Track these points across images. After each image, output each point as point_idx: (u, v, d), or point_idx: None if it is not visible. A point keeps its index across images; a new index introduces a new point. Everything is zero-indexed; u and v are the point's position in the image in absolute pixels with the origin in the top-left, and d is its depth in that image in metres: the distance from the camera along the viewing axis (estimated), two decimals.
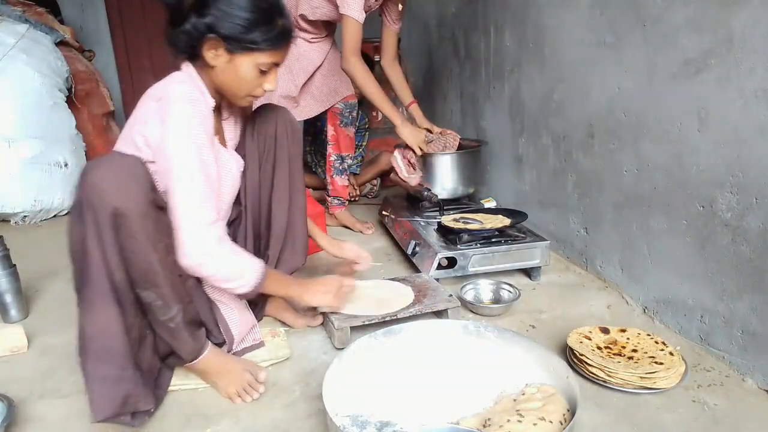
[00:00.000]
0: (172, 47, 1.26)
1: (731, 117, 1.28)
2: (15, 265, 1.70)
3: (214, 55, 1.22)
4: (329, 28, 2.35)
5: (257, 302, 1.57)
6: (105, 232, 1.04)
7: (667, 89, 1.46)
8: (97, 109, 3.27)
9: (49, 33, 3.05)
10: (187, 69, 1.26)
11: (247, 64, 1.23)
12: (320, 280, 1.46)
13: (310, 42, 2.31)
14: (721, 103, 1.30)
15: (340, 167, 2.49)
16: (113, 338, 1.08)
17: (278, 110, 1.52)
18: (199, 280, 1.32)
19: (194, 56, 1.25)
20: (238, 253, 1.25)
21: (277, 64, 1.27)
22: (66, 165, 2.83)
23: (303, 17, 2.22)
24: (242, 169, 1.45)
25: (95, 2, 4.39)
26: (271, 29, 1.21)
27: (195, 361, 1.26)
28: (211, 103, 1.27)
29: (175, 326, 1.18)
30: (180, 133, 1.16)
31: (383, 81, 2.38)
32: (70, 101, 3.01)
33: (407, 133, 2.16)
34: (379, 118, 3.31)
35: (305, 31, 2.27)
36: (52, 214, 2.83)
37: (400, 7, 2.28)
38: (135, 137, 1.21)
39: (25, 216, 2.74)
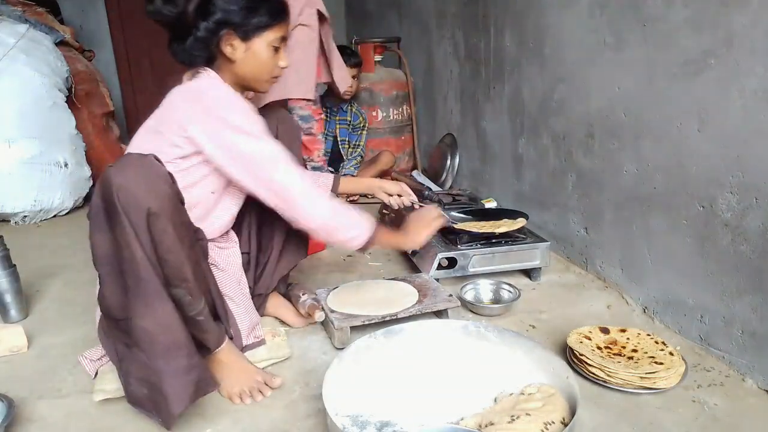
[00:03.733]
0: (185, 60, 1.30)
1: (731, 117, 1.28)
2: (15, 265, 1.69)
3: (232, 48, 1.26)
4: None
5: (258, 301, 1.57)
6: (142, 233, 1.05)
7: (667, 89, 1.46)
8: (97, 109, 3.27)
9: (49, 33, 3.04)
10: (208, 73, 1.30)
11: (261, 45, 1.28)
12: (413, 218, 1.53)
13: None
14: (721, 103, 1.30)
15: None
16: (177, 330, 1.10)
17: (279, 111, 1.54)
18: (212, 274, 1.34)
19: (210, 59, 1.29)
20: (346, 208, 1.32)
21: (284, 38, 1.32)
22: (66, 165, 2.82)
23: None
24: None
25: (95, 2, 4.39)
26: (271, 4, 1.27)
27: (218, 349, 1.26)
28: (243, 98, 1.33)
29: (204, 318, 1.19)
30: (244, 118, 1.23)
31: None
32: (70, 101, 3.01)
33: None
34: (379, 118, 3.32)
35: None
36: (52, 214, 2.82)
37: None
38: (173, 139, 1.22)
39: (25, 216, 2.74)
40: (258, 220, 1.55)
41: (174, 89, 1.28)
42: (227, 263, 1.45)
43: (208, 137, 1.21)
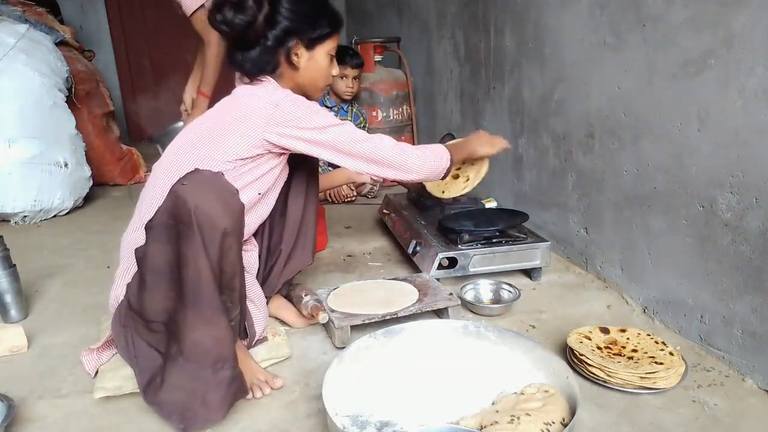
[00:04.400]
0: (252, 69, 1.34)
1: (731, 117, 1.28)
2: (15, 265, 1.69)
3: (298, 57, 1.32)
4: None
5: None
6: (213, 251, 1.07)
7: (667, 89, 1.46)
8: (97, 109, 3.27)
9: (49, 33, 3.05)
10: (268, 83, 1.34)
11: (322, 54, 1.36)
12: (474, 138, 1.69)
13: None
14: (721, 103, 1.30)
15: None
16: (228, 344, 1.13)
17: None
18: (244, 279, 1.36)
19: (275, 67, 1.34)
20: (420, 148, 1.46)
21: (336, 48, 1.41)
22: (66, 165, 2.82)
23: None
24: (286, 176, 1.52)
25: (95, 2, 4.40)
26: (331, 14, 1.34)
27: None
28: None
29: (235, 324, 1.21)
30: (317, 115, 1.30)
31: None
32: (70, 101, 3.01)
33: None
34: (379, 118, 3.32)
35: None
36: (52, 214, 2.82)
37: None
38: (240, 143, 1.27)
39: (25, 216, 2.74)
40: (270, 222, 1.56)
41: (241, 95, 1.34)
42: (249, 266, 1.47)
43: (296, 139, 1.29)
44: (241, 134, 1.27)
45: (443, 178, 1.51)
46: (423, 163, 1.42)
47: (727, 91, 1.28)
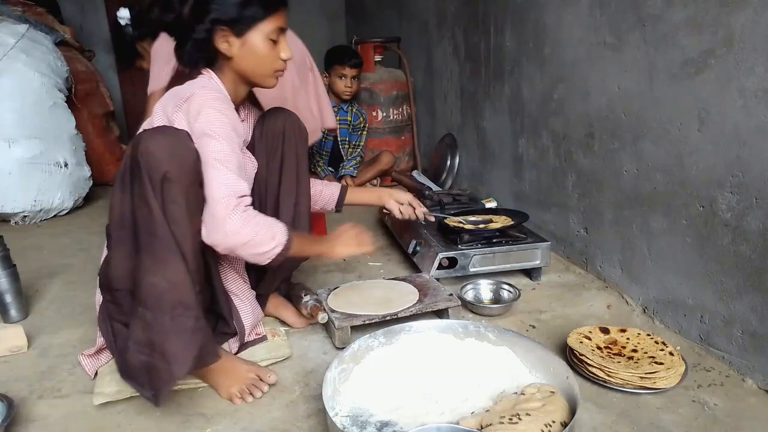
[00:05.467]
0: (189, 63, 1.31)
1: (731, 117, 1.28)
2: (15, 265, 1.69)
3: (228, 45, 1.26)
4: None
5: (259, 301, 1.57)
6: (157, 194, 1.08)
7: (667, 89, 1.46)
8: (97, 109, 3.27)
9: (49, 33, 3.04)
10: (208, 74, 1.31)
11: (257, 39, 1.27)
12: (337, 234, 1.45)
13: None
14: (721, 103, 1.30)
15: None
16: (186, 290, 1.11)
17: (286, 112, 1.54)
18: (217, 270, 1.35)
19: (210, 59, 1.29)
20: (265, 218, 1.24)
21: (282, 29, 1.30)
22: (66, 165, 2.83)
23: None
24: (256, 169, 1.48)
25: (95, 2, 4.39)
26: None
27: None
28: (232, 106, 1.31)
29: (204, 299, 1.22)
30: (212, 122, 1.19)
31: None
32: (70, 101, 3.01)
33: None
34: (379, 118, 3.32)
35: None
36: (52, 214, 2.82)
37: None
38: None
39: (25, 216, 2.74)
40: None
41: (168, 95, 1.28)
42: (231, 259, 1.45)
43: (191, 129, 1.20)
44: (161, 121, 1.24)
45: (272, 263, 1.22)
46: (244, 229, 1.15)
47: (727, 91, 1.28)
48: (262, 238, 1.18)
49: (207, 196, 1.15)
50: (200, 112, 1.18)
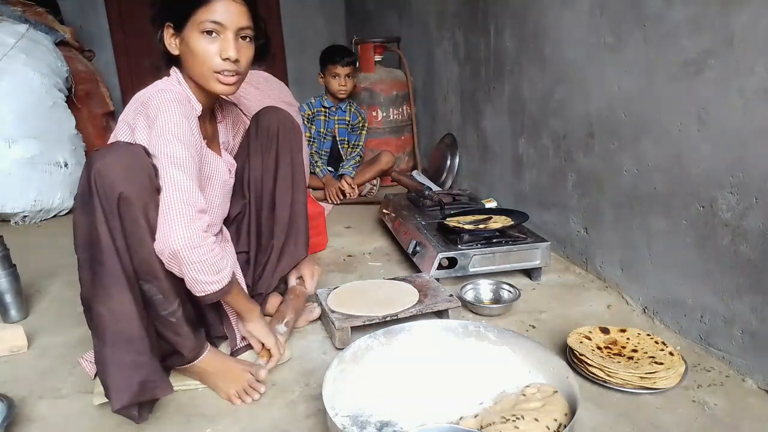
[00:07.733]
0: (163, 63, 1.30)
1: (731, 117, 1.28)
2: (15, 265, 1.70)
3: (175, 44, 1.24)
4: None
5: (257, 300, 1.57)
6: (112, 218, 1.05)
7: (667, 89, 1.46)
8: (97, 109, 3.27)
9: (49, 33, 3.05)
10: (175, 74, 1.29)
11: (192, 33, 1.20)
12: (269, 323, 1.41)
13: None
14: (721, 103, 1.30)
15: None
16: (129, 323, 1.09)
17: (279, 111, 1.54)
18: None
19: (172, 58, 1.27)
20: (220, 251, 1.19)
21: (218, 23, 1.18)
22: (66, 165, 2.83)
23: None
24: (233, 170, 1.47)
25: (95, 2, 4.40)
26: None
27: (196, 360, 1.26)
28: (198, 107, 1.29)
29: (177, 321, 1.18)
30: (168, 126, 1.15)
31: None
32: (70, 101, 3.01)
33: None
34: (379, 118, 3.32)
35: None
36: (52, 214, 2.82)
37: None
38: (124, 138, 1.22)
39: (25, 216, 2.74)
40: (257, 218, 1.55)
41: (137, 94, 1.26)
42: None
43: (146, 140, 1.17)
44: (121, 128, 1.24)
45: (204, 298, 1.17)
46: (199, 247, 1.10)
47: (727, 91, 1.28)
48: (208, 267, 1.12)
49: (161, 200, 1.10)
50: (157, 116, 1.15)
